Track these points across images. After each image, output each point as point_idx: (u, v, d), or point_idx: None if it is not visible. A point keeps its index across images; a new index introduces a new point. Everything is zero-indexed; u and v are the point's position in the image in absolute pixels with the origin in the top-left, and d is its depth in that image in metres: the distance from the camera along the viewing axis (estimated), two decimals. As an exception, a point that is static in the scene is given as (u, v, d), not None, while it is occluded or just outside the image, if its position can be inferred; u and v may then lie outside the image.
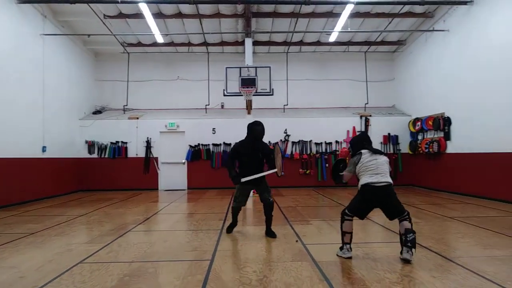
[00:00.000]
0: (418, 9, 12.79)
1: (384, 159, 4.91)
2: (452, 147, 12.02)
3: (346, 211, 4.86)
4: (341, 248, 4.83)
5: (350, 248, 4.77)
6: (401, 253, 4.57)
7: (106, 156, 14.43)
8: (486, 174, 10.31)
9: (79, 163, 14.11)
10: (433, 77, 13.10)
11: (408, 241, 4.43)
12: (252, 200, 11.12)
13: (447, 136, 12.19)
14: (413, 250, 4.44)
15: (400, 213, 4.66)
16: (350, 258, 4.69)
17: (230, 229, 6.41)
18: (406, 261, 4.44)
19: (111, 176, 14.33)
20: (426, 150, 13.12)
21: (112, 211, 9.14)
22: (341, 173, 5.13)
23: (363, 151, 4.93)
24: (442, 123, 12.30)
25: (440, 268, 4.26)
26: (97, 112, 15.39)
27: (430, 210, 8.56)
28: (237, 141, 6.48)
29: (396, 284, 3.77)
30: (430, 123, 12.99)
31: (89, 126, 14.44)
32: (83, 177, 14.19)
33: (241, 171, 6.13)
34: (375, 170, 4.75)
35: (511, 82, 9.32)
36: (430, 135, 13.28)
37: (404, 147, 14.75)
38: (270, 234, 6.05)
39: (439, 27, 12.58)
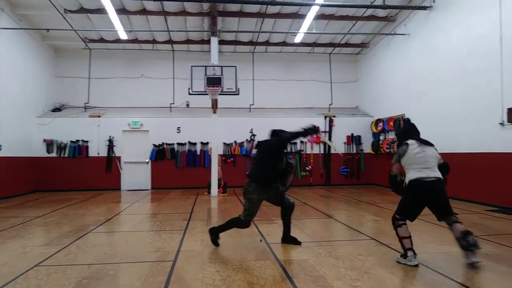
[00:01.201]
0: (381, 12, 13.14)
1: (433, 152, 4.48)
2: (412, 148, 12.39)
3: (396, 215, 4.48)
4: (405, 256, 4.37)
5: (415, 254, 4.33)
6: (467, 258, 4.26)
7: (66, 155, 13.95)
8: (443, 173, 10.70)
9: (36, 162, 13.57)
10: (394, 79, 13.50)
11: (471, 244, 4.16)
12: (216, 200, 11.08)
13: (407, 137, 12.55)
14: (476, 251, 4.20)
15: (450, 213, 4.36)
16: (417, 265, 4.25)
17: (216, 240, 5.45)
18: (476, 264, 4.17)
19: (71, 176, 13.86)
20: (388, 150, 13.50)
21: (71, 212, 8.84)
22: (392, 173, 4.65)
23: (409, 141, 4.52)
24: (403, 124, 12.67)
25: (399, 265, 4.38)
26: (57, 109, 14.85)
27: (390, 209, 8.79)
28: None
29: (356, 280, 3.86)
30: (391, 124, 13.38)
31: (48, 124, 13.91)
32: (41, 177, 13.66)
33: (271, 176, 5.28)
34: (423, 163, 4.34)
35: (468, 85, 9.73)
36: (391, 136, 13.67)
37: (367, 147, 15.12)
38: (292, 240, 5.49)
39: (400, 31, 12.97)
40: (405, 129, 4.83)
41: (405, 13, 12.70)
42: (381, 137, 14.32)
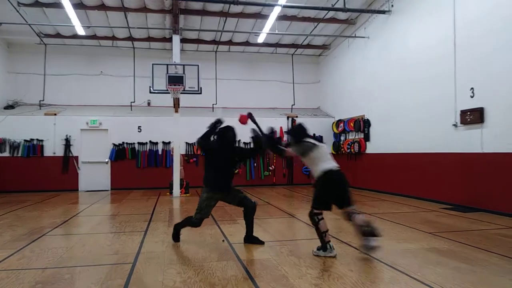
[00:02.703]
0: (342, 15, 13.42)
1: (327, 148, 5.14)
2: (371, 148, 12.76)
3: (314, 210, 4.74)
4: (325, 249, 4.71)
5: (332, 245, 4.76)
6: (366, 243, 4.58)
7: (19, 154, 13.32)
8: (400, 173, 11.06)
9: (-13, 162, 12.90)
10: (355, 81, 13.81)
11: (374, 229, 4.60)
12: (178, 201, 10.94)
13: (367, 137, 12.92)
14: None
15: (351, 203, 4.76)
16: (335, 256, 4.66)
17: (177, 237, 5.64)
18: (375, 247, 4.56)
19: (25, 177, 13.25)
20: (348, 150, 13.80)
21: (25, 214, 8.45)
22: (285, 148, 5.06)
23: (309, 139, 4.95)
24: (362, 125, 13.00)
25: (358, 262, 4.48)
26: (9, 107, 14.16)
27: (350, 207, 9.00)
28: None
29: (317, 279, 3.91)
30: (352, 124, 13.68)
31: (0, 122, 13.23)
32: (-8, 177, 12.99)
33: (212, 178, 5.35)
34: (325, 156, 4.89)
35: (424, 88, 10.09)
36: (351, 136, 13.99)
37: (328, 147, 15.37)
38: (255, 240, 5.49)
39: (360, 34, 13.29)
40: (300, 129, 5.10)
41: (365, 17, 13.04)
42: (342, 138, 14.61)
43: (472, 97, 8.46)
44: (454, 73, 8.96)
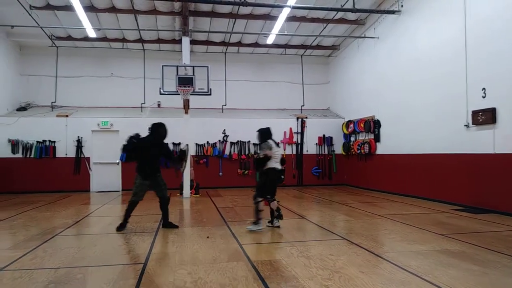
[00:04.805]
0: (351, 16, 13.37)
1: (281, 151, 6.74)
2: (381, 149, 12.69)
3: (257, 197, 6.45)
4: (257, 223, 6.33)
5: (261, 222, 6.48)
6: (272, 223, 6.62)
7: (32, 156, 13.49)
8: (411, 174, 10.98)
9: (1, 163, 13.06)
10: (364, 81, 13.75)
11: (280, 215, 6.57)
12: (189, 201, 10.99)
13: (377, 138, 12.84)
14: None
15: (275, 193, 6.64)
16: (263, 229, 6.38)
17: (122, 227, 6.66)
18: (278, 227, 6.54)
19: (37, 177, 13.39)
20: (358, 151, 13.73)
21: (38, 215, 8.56)
22: (264, 154, 6.56)
23: (271, 141, 6.57)
24: (373, 126, 12.93)
25: (369, 264, 4.46)
26: (22, 108, 14.36)
27: (361, 209, 8.97)
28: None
29: (327, 280, 3.89)
30: (362, 125, 13.61)
31: (13, 124, 13.40)
32: (6, 178, 13.11)
33: (142, 167, 6.83)
34: (277, 158, 6.60)
35: (434, 89, 10.01)
36: (361, 137, 13.91)
37: (338, 148, 15.34)
38: (170, 225, 6.89)
39: (370, 34, 13.22)
40: (267, 131, 6.83)
41: (375, 17, 12.96)
42: (352, 138, 14.55)
43: (484, 97, 8.37)
44: (465, 73, 8.87)
